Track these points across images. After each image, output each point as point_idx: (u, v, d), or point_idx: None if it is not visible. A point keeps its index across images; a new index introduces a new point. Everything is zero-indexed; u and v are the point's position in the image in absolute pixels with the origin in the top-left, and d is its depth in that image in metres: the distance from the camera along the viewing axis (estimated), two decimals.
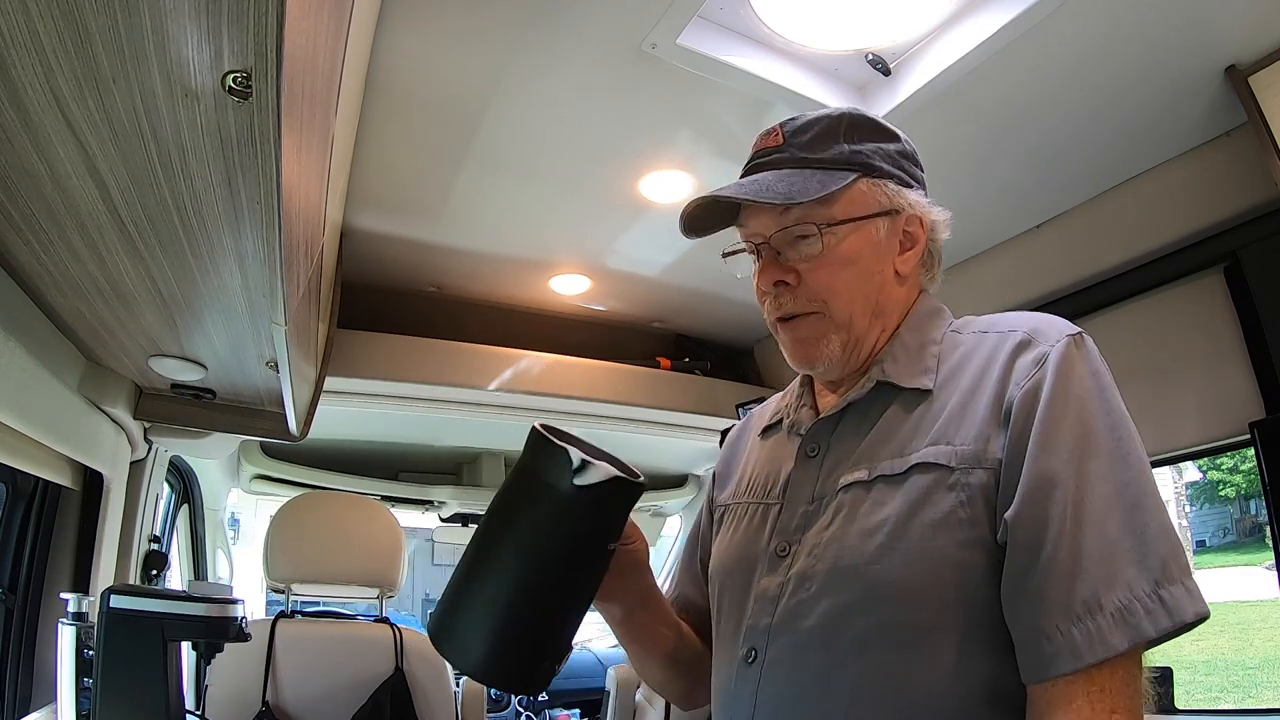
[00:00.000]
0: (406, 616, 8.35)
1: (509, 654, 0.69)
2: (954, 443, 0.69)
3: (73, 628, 1.24)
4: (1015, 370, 0.69)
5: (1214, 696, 6.64)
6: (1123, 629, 0.59)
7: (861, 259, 0.78)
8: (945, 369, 0.75)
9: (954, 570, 0.65)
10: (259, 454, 2.68)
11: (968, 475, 0.67)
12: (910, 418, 0.73)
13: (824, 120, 0.80)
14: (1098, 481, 0.63)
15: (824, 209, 0.77)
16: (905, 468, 0.70)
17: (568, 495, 0.69)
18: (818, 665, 0.69)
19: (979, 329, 0.77)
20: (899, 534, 0.67)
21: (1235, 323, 1.52)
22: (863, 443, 0.75)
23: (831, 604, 0.69)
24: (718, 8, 1.24)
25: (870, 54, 1.34)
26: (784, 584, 0.73)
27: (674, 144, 1.53)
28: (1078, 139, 1.49)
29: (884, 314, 0.81)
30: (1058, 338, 0.69)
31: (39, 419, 1.21)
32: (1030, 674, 0.62)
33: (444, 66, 1.30)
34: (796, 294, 0.79)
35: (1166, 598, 0.59)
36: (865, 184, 0.79)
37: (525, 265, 2.07)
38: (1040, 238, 1.81)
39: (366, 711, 1.72)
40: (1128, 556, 0.60)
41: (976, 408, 0.70)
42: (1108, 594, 0.59)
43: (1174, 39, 1.23)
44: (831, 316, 0.78)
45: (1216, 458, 8.98)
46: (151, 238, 0.89)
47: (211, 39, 0.58)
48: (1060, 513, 0.62)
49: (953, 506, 0.66)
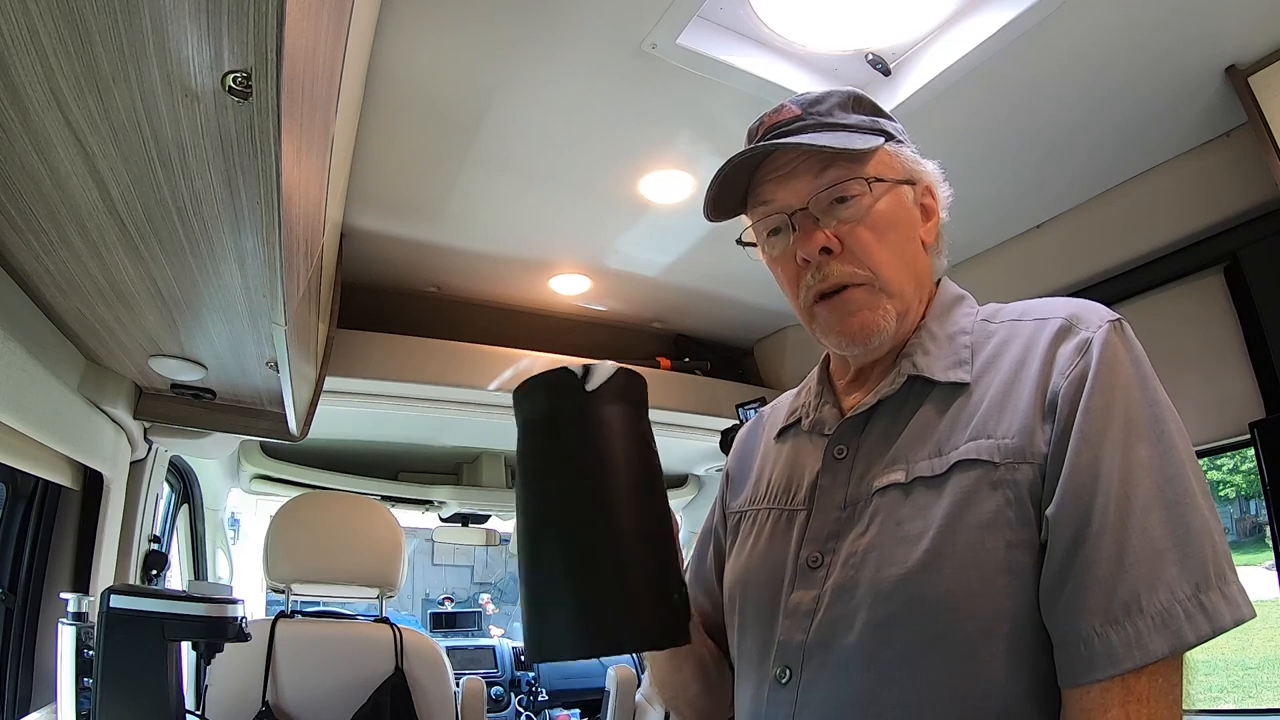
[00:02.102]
0: (406, 616, 8.35)
1: (626, 604, 0.58)
2: (996, 436, 0.64)
3: (73, 628, 1.24)
4: (1058, 359, 0.65)
5: (1214, 696, 6.64)
6: (1163, 634, 0.55)
7: (900, 223, 0.75)
8: (980, 360, 0.71)
9: (1006, 575, 0.61)
10: (259, 454, 2.68)
11: (1013, 471, 0.62)
12: (947, 413, 0.69)
13: (833, 94, 0.78)
14: (1142, 475, 0.59)
15: (860, 168, 0.73)
16: (946, 467, 0.65)
17: (588, 405, 0.61)
18: (862, 685, 0.63)
19: (1012, 316, 0.73)
20: (945, 540, 0.62)
21: (1235, 323, 1.52)
22: (896, 442, 0.70)
23: (872, 618, 0.64)
24: (718, 8, 1.24)
25: (870, 54, 1.34)
26: (819, 597, 0.68)
27: (674, 144, 1.53)
28: (1077, 139, 1.49)
29: (922, 286, 0.77)
30: (1099, 323, 0.65)
31: (39, 419, 1.21)
32: (1066, 678, 0.59)
33: (444, 66, 1.30)
34: (842, 262, 0.73)
35: (1207, 604, 0.56)
36: (891, 149, 0.76)
37: (525, 265, 2.07)
38: (1040, 238, 1.81)
39: (366, 711, 1.72)
40: (1169, 556, 0.57)
41: (1018, 399, 0.65)
42: (1149, 596, 0.56)
43: (1174, 39, 1.23)
44: (883, 284, 0.73)
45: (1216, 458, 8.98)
46: (151, 238, 0.89)
47: (211, 39, 0.58)
48: (1103, 508, 0.59)
49: (999, 506, 0.62)
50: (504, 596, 11.74)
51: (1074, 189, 1.68)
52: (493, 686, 3.65)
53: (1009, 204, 1.73)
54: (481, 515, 3.03)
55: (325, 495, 2.13)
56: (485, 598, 10.63)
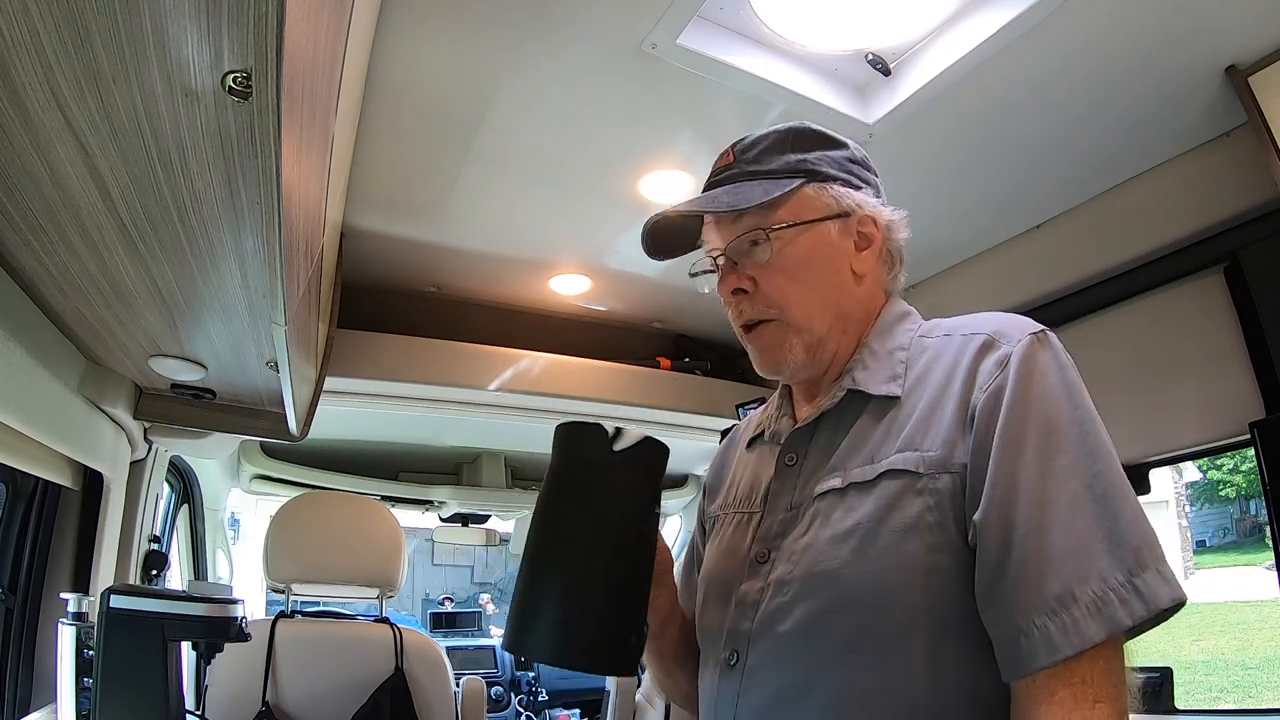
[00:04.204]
0: (406, 616, 8.35)
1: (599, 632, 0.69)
2: (921, 449, 0.70)
3: (73, 628, 1.24)
4: (979, 374, 0.70)
5: (1214, 696, 6.65)
6: (1098, 619, 0.59)
7: (815, 261, 0.81)
8: (913, 374, 0.76)
9: (923, 574, 0.66)
10: (259, 454, 2.68)
11: (935, 480, 0.68)
12: (880, 425, 0.75)
13: (771, 135, 0.84)
14: (1066, 477, 0.64)
15: (771, 215, 0.80)
16: (875, 474, 0.71)
17: (610, 463, 0.72)
18: (797, 671, 0.70)
19: (944, 332, 0.78)
20: (869, 539, 0.69)
21: (1235, 323, 1.52)
22: (837, 451, 0.77)
23: (807, 609, 0.70)
24: (718, 8, 1.24)
25: (870, 54, 1.34)
26: (763, 589, 0.75)
27: (674, 144, 1.53)
28: (1077, 139, 1.49)
29: (846, 315, 0.82)
30: (1020, 337, 0.70)
31: (39, 419, 1.21)
32: (1009, 671, 0.63)
33: (444, 66, 1.30)
34: (754, 300, 0.81)
35: (1141, 585, 0.60)
36: (812, 189, 0.81)
37: (525, 265, 2.07)
38: (1040, 238, 1.81)
39: (366, 711, 1.72)
40: (1100, 548, 0.61)
41: (943, 413, 0.71)
42: (1082, 587, 0.60)
43: (1174, 39, 1.23)
44: (789, 321, 0.80)
45: (1216, 458, 9.00)
46: (151, 238, 0.89)
47: (211, 39, 0.58)
48: (1027, 514, 0.63)
49: (920, 511, 0.68)
50: (504, 597, 11.73)
51: (1074, 189, 1.68)
52: (493, 686, 3.65)
53: (1009, 204, 1.73)
54: (481, 515, 3.03)
55: (325, 495, 2.13)
56: (485, 598, 10.63)
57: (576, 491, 0.73)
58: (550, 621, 0.69)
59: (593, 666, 0.71)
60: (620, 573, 0.71)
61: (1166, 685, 1.65)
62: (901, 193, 1.66)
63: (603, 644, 0.69)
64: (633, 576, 0.72)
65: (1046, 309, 1.85)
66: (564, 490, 0.73)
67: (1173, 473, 10.31)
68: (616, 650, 0.69)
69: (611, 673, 0.72)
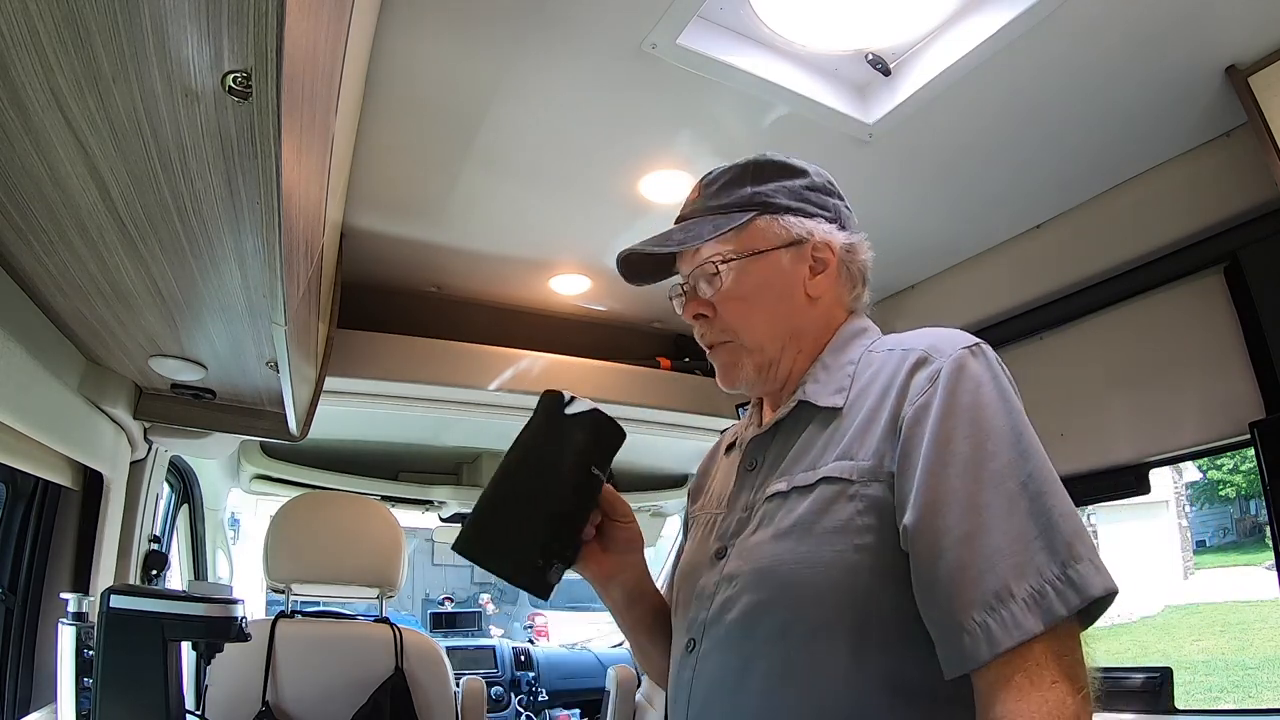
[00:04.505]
0: (406, 616, 8.35)
1: (525, 552, 0.83)
2: (856, 458, 0.76)
3: (73, 628, 1.24)
4: (910, 388, 0.75)
5: (1214, 696, 6.65)
6: (1035, 611, 0.63)
7: (767, 288, 0.87)
8: (857, 387, 0.82)
9: (849, 573, 0.72)
10: (259, 454, 2.68)
11: (866, 488, 0.74)
12: (824, 434, 0.81)
13: (733, 170, 0.91)
14: (1001, 479, 0.68)
15: (726, 247, 0.87)
16: (814, 480, 0.78)
17: (560, 421, 0.87)
18: (738, 657, 0.77)
19: (889, 347, 0.83)
20: (803, 540, 0.75)
21: (1235, 323, 1.52)
22: (787, 457, 0.84)
23: (750, 601, 0.77)
24: (718, 8, 1.24)
25: (870, 54, 1.34)
26: (719, 582, 0.82)
27: (674, 144, 1.53)
28: (1077, 139, 1.49)
29: (800, 335, 0.89)
30: (952, 352, 0.75)
31: (39, 419, 1.21)
32: (953, 667, 0.66)
33: (444, 66, 1.30)
34: (713, 325, 0.89)
35: (1075, 576, 0.64)
36: (764, 220, 0.87)
37: (525, 265, 2.07)
38: (1040, 238, 1.81)
39: (366, 711, 1.72)
40: (1036, 544, 0.65)
41: (877, 425, 0.76)
42: (1019, 582, 0.64)
43: (1174, 39, 1.23)
44: (742, 344, 0.88)
45: (1216, 458, 9.00)
46: (151, 238, 0.89)
47: (211, 39, 0.58)
48: (962, 519, 0.67)
49: (850, 515, 0.74)
50: (504, 596, 11.74)
51: (1074, 188, 1.68)
52: (493, 686, 3.64)
53: (1008, 203, 1.73)
54: None
55: (325, 495, 2.13)
56: (485, 598, 10.63)
57: (531, 439, 0.88)
58: (488, 532, 0.85)
59: (503, 574, 0.83)
60: (546, 508, 0.84)
61: (1166, 685, 1.65)
62: (901, 193, 1.68)
63: (517, 559, 0.83)
64: (556, 515, 0.85)
65: (1047, 309, 1.85)
66: (524, 437, 0.88)
67: (1173, 473, 10.32)
68: (526, 568, 0.82)
69: (519, 585, 0.84)
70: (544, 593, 0.83)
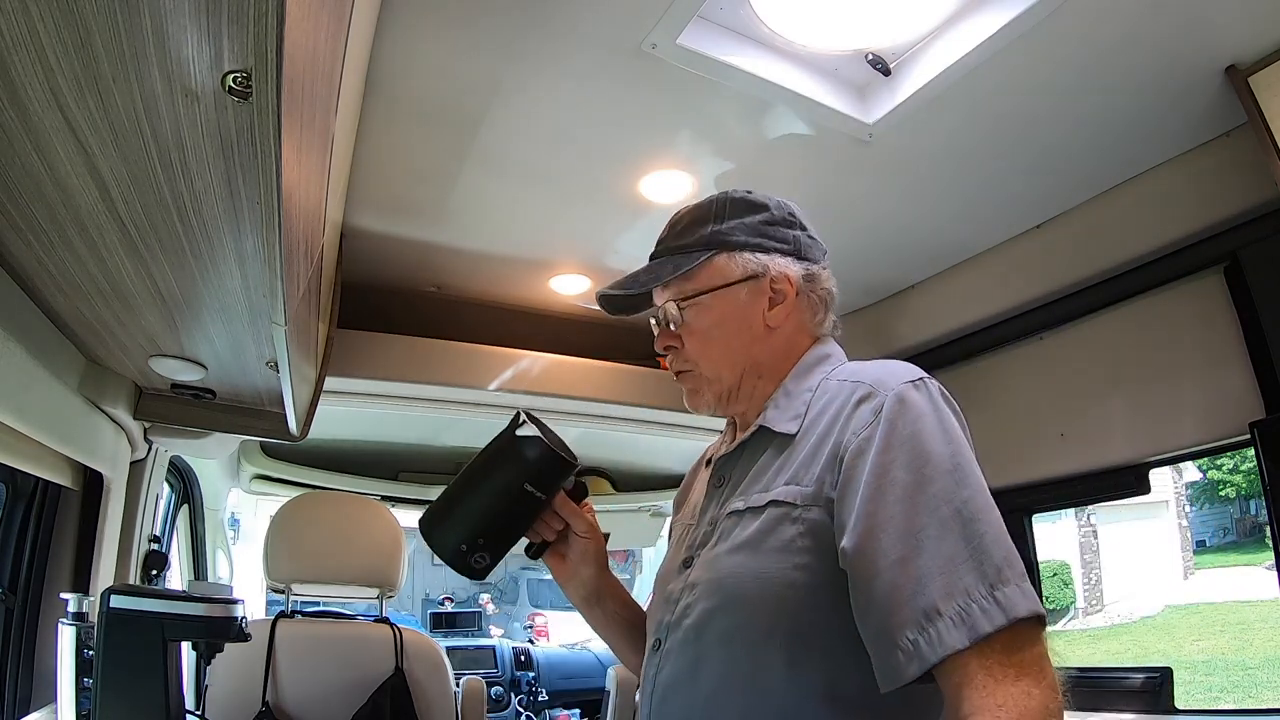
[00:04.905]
0: (406, 617, 8.35)
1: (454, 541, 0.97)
2: (801, 483, 0.82)
3: (73, 628, 1.24)
4: (854, 421, 0.80)
5: (1214, 696, 6.65)
6: (960, 629, 0.67)
7: (726, 322, 0.93)
8: (811, 414, 0.87)
9: (788, 588, 0.78)
10: (259, 454, 2.67)
11: (808, 511, 0.80)
12: (778, 459, 0.87)
13: (699, 209, 0.97)
14: (936, 505, 0.72)
15: (687, 285, 0.94)
16: (764, 502, 0.84)
17: (510, 439, 0.98)
18: (691, 658, 0.84)
19: (841, 378, 0.88)
20: (750, 555, 0.82)
21: (1235, 323, 1.52)
22: (747, 477, 0.90)
23: (704, 608, 0.84)
24: (718, 8, 1.24)
25: (870, 54, 1.34)
26: (683, 589, 0.88)
27: (674, 144, 1.53)
28: (1077, 139, 1.49)
29: (759, 364, 0.94)
30: (895, 386, 0.80)
31: (39, 419, 1.21)
32: (886, 682, 0.71)
33: (444, 66, 1.30)
34: (680, 355, 0.97)
35: (1001, 597, 0.68)
36: (723, 258, 0.93)
37: (525, 265, 2.07)
38: (1040, 238, 1.81)
39: (366, 711, 1.72)
40: (966, 566, 0.69)
41: (821, 453, 0.82)
42: (947, 602, 0.68)
43: (1174, 39, 1.23)
44: (702, 373, 0.95)
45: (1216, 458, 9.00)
46: (151, 238, 0.89)
47: (211, 39, 0.58)
48: (896, 542, 0.71)
49: (793, 536, 0.80)
50: (504, 597, 11.74)
51: (1074, 189, 1.68)
52: (493, 686, 3.64)
53: (1008, 203, 1.73)
54: None
55: (325, 495, 2.13)
56: (485, 598, 10.63)
57: (487, 448, 1.00)
58: (436, 517, 1.00)
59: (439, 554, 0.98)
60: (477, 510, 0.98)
61: (1166, 685, 1.66)
62: (901, 193, 1.68)
63: (448, 545, 0.98)
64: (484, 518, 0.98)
65: (1047, 308, 1.85)
66: (488, 445, 1.00)
67: (1173, 473, 10.32)
68: (453, 553, 0.97)
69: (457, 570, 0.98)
70: (470, 575, 0.97)
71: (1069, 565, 10.39)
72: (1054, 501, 1.96)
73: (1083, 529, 10.72)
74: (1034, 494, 1.87)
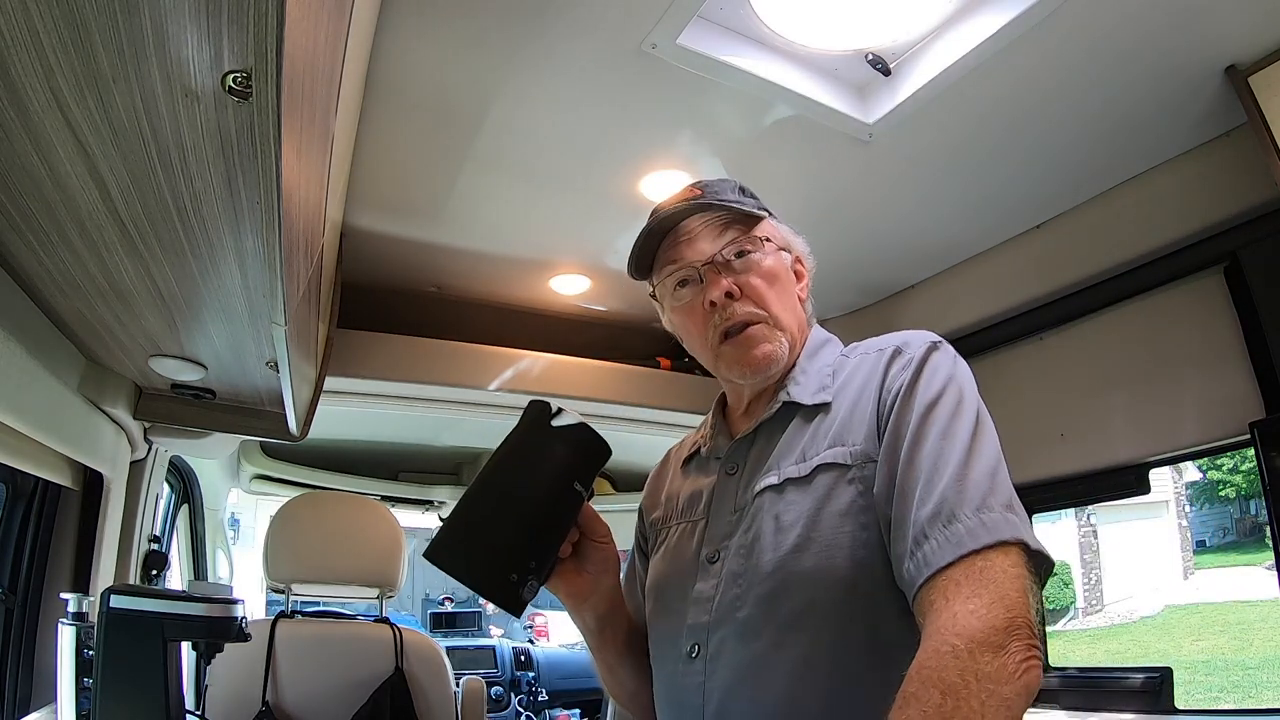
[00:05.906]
0: (406, 617, 8.36)
1: (499, 567, 0.79)
2: (848, 444, 0.81)
3: (73, 628, 1.24)
4: (890, 375, 0.83)
5: (1214, 696, 6.65)
6: (980, 531, 0.69)
7: (782, 277, 0.94)
8: (837, 385, 0.88)
9: (863, 549, 0.76)
10: (259, 454, 2.68)
11: (863, 470, 0.79)
12: (809, 428, 0.86)
13: (727, 183, 0.97)
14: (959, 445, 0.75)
15: (752, 231, 0.93)
16: (810, 470, 0.82)
17: (546, 432, 0.84)
18: (756, 649, 0.78)
19: (862, 350, 0.90)
20: (813, 526, 0.79)
21: (1235, 323, 1.52)
22: (771, 455, 0.87)
23: (759, 594, 0.79)
24: (718, 8, 1.24)
25: (870, 54, 1.34)
26: (717, 585, 0.83)
27: (674, 144, 1.53)
28: (1077, 139, 1.49)
29: (800, 330, 0.95)
30: (922, 344, 0.84)
31: (39, 419, 1.21)
32: (905, 586, 0.72)
33: (444, 66, 1.30)
34: (744, 303, 0.90)
35: (987, 519, 0.70)
36: (771, 223, 0.97)
37: (525, 265, 2.07)
38: (1040, 238, 1.81)
39: (366, 711, 1.72)
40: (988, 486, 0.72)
41: (863, 412, 0.83)
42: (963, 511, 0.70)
43: (1174, 39, 1.23)
44: (775, 322, 0.91)
45: (1216, 458, 9.00)
46: (151, 238, 0.89)
47: (211, 39, 0.58)
48: (930, 465, 0.74)
49: (853, 498, 0.78)
50: None
51: (1074, 189, 1.68)
52: (493, 686, 3.65)
53: (1009, 203, 1.73)
54: None
55: (325, 495, 2.13)
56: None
57: (514, 449, 0.85)
58: (462, 543, 0.81)
59: (475, 588, 0.81)
60: (523, 523, 0.81)
61: (1166, 685, 1.65)
62: (901, 193, 1.68)
63: (491, 574, 0.79)
64: (534, 531, 0.81)
65: (1047, 309, 1.85)
66: (508, 446, 0.85)
67: (1173, 473, 10.31)
68: (499, 583, 0.78)
69: (491, 600, 0.79)
70: (516, 610, 0.79)
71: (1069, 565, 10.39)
72: (1054, 501, 1.95)
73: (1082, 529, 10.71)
74: (1034, 494, 1.86)
